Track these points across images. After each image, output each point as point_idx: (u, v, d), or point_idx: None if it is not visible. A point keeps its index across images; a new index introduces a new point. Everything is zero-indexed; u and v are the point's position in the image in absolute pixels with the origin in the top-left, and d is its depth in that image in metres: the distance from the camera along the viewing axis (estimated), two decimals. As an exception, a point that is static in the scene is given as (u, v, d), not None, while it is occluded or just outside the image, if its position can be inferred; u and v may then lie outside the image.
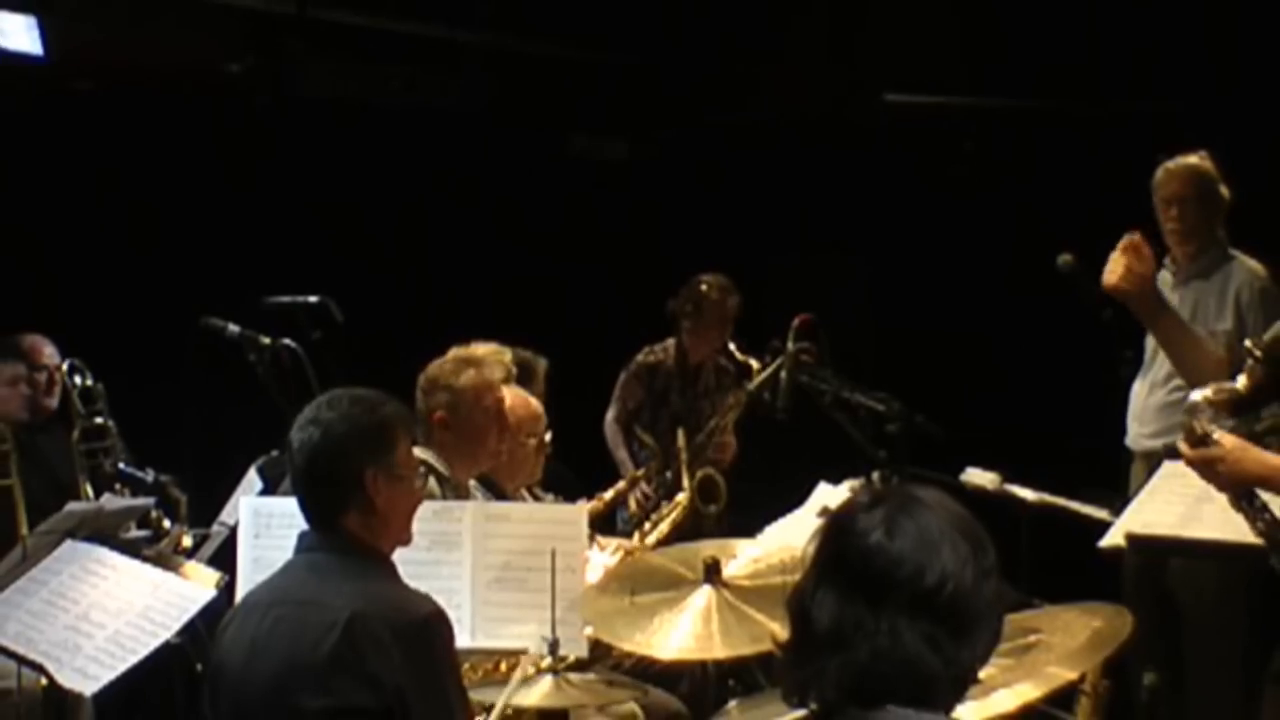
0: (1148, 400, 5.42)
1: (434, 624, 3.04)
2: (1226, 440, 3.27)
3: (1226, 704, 4.98)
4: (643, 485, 6.37)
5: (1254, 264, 5.27)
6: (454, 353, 4.55)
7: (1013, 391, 7.19)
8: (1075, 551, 4.45)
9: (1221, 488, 3.33)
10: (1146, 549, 4.21)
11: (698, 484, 5.99)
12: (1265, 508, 3.31)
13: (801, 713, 2.21)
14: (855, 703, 2.12)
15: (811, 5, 6.83)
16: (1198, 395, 3.32)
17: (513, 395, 4.61)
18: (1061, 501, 4.97)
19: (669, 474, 6.27)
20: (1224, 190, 5.28)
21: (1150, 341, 5.43)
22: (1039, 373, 7.00)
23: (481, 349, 4.57)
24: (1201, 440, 3.27)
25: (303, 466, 3.16)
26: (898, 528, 2.12)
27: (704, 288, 6.63)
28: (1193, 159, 5.31)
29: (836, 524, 2.20)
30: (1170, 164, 5.32)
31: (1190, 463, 3.33)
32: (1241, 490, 3.31)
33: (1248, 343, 3.54)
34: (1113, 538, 4.29)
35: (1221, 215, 5.31)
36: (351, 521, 3.12)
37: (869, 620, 2.10)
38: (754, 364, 6.02)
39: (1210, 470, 3.29)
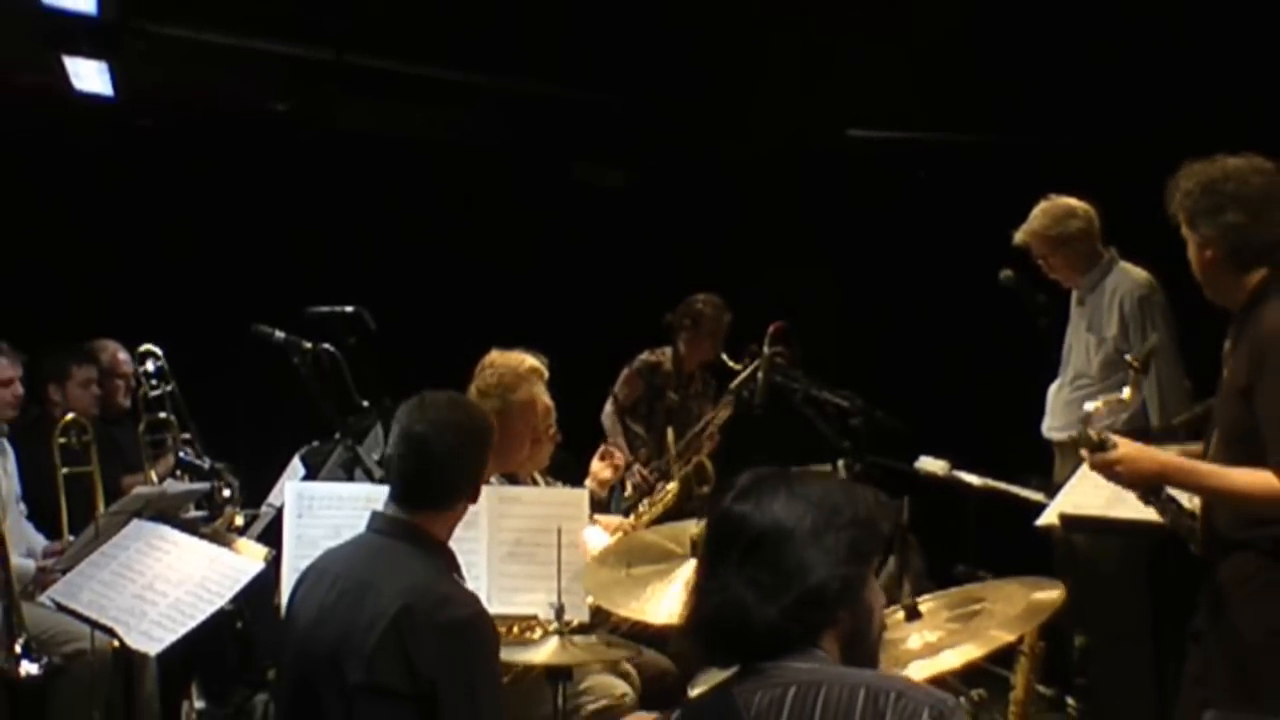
0: (1056, 397, 5.39)
1: (474, 623, 2.97)
2: (1121, 445, 3.16)
3: (1138, 664, 4.98)
4: (639, 468, 6.37)
5: (1137, 273, 5.12)
6: (509, 362, 4.48)
7: (963, 389, 7.20)
8: (1015, 529, 4.46)
9: (1125, 486, 3.23)
10: (1077, 527, 4.20)
11: (693, 469, 5.92)
12: (1171, 499, 3.22)
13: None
14: (717, 655, 2.11)
15: (783, 52, 6.83)
16: (1090, 405, 3.24)
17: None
18: (1003, 486, 4.95)
19: (661, 463, 6.24)
20: (1074, 222, 5.11)
21: (1065, 345, 5.40)
22: (985, 372, 7.00)
23: (529, 361, 4.51)
24: (1100, 445, 3.16)
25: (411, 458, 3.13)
26: (746, 496, 2.11)
27: (700, 305, 6.60)
28: (1035, 219, 5.14)
29: (711, 505, 2.20)
30: (1020, 234, 5.15)
31: (1092, 466, 3.21)
32: (1147, 486, 3.21)
33: (1127, 357, 3.48)
34: (1048, 517, 4.30)
35: (1090, 240, 5.15)
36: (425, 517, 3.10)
37: (711, 578, 2.10)
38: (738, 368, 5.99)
39: (1110, 472, 3.17)
